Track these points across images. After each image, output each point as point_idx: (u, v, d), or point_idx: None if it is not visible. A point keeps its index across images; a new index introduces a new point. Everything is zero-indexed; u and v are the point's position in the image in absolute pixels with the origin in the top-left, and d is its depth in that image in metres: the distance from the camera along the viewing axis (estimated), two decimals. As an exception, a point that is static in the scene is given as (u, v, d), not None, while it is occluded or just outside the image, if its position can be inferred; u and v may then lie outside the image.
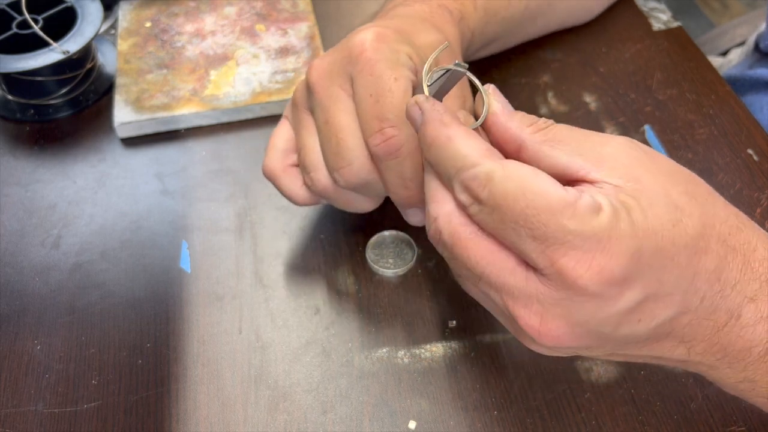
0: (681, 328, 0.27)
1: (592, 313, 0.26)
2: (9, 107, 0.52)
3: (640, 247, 0.25)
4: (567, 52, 0.54)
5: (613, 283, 0.25)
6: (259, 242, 0.44)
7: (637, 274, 0.25)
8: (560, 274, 0.25)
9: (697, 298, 0.27)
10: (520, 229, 0.25)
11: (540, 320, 0.26)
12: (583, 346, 0.27)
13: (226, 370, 0.38)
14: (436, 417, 0.36)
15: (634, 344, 0.28)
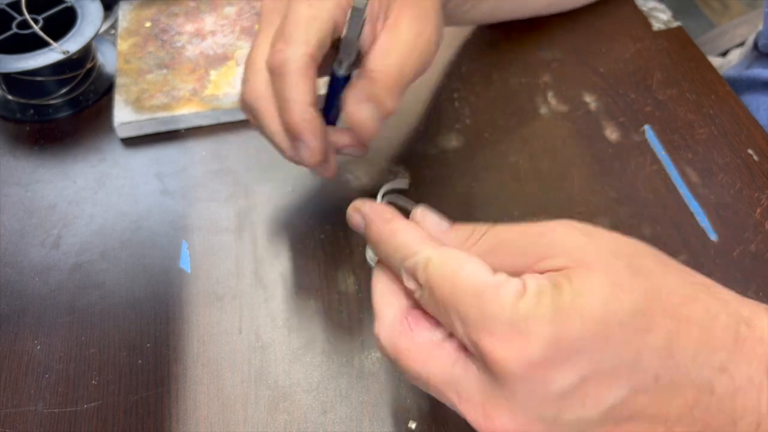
0: (643, 408, 0.25)
1: (526, 398, 0.25)
2: (9, 107, 0.52)
3: (561, 330, 0.24)
4: (567, 52, 0.54)
5: (536, 366, 0.24)
6: (260, 242, 0.44)
7: (563, 357, 0.24)
8: (485, 357, 0.25)
9: (650, 377, 0.25)
10: (450, 311, 0.26)
11: (482, 413, 0.26)
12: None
13: (226, 370, 0.38)
14: (436, 417, 0.36)
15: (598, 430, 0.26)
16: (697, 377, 0.25)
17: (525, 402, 0.25)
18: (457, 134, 0.49)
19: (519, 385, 0.25)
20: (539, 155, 0.48)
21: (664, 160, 0.47)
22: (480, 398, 0.26)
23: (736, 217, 0.44)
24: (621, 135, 0.49)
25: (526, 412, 0.25)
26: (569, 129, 0.49)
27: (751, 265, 0.42)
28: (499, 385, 0.25)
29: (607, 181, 0.46)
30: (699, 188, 0.45)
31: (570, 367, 0.25)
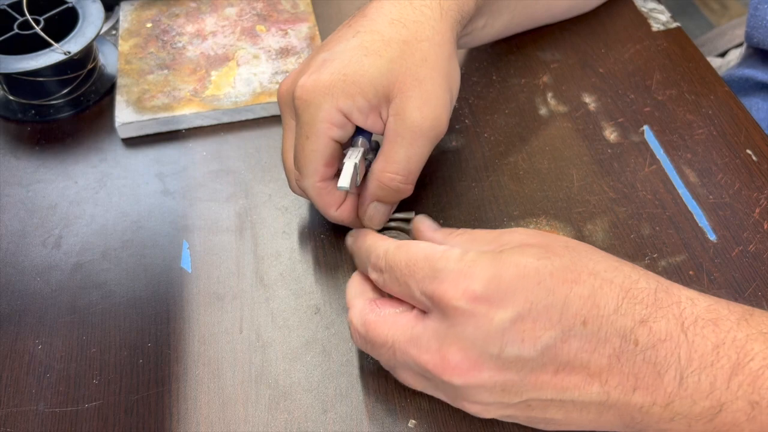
0: (577, 354, 0.29)
1: (474, 333, 0.29)
2: (10, 107, 0.52)
3: (500, 273, 0.30)
4: (566, 53, 0.55)
5: (480, 301, 0.29)
6: (260, 242, 0.44)
7: (502, 294, 0.29)
8: (438, 302, 0.30)
9: (578, 321, 0.29)
10: (408, 279, 0.32)
11: (439, 355, 0.30)
12: (487, 378, 0.30)
13: (227, 370, 0.38)
14: (436, 416, 0.36)
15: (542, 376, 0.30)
16: (621, 327, 0.29)
17: (473, 338, 0.29)
18: (457, 134, 0.49)
19: (467, 322, 0.29)
20: (539, 155, 0.48)
21: (663, 161, 0.47)
22: (436, 345, 0.30)
23: (735, 217, 0.44)
24: (620, 135, 0.49)
25: (474, 348, 0.29)
26: (569, 129, 0.49)
27: (750, 265, 0.42)
28: (452, 326, 0.30)
29: (606, 182, 0.46)
30: (698, 188, 0.46)
31: (508, 304, 0.29)
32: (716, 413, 0.28)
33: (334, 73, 0.38)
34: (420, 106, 0.38)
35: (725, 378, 0.28)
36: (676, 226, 0.44)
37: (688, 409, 0.29)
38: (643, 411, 0.29)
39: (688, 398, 0.29)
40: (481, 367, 0.30)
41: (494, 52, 0.55)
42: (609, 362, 0.29)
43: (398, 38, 0.39)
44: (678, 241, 0.43)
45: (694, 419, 0.29)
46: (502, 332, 0.29)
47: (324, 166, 0.38)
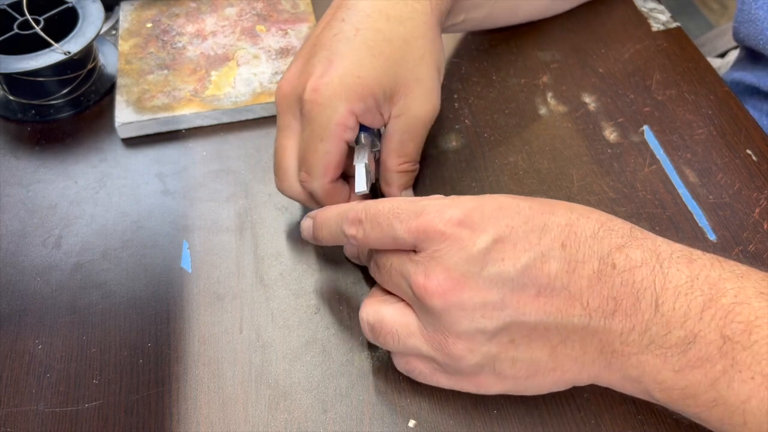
0: (557, 275, 0.30)
1: (456, 254, 0.31)
2: (10, 107, 0.52)
3: (482, 204, 0.32)
4: (566, 53, 0.55)
5: (462, 225, 0.31)
6: (260, 242, 0.44)
7: (484, 221, 0.31)
8: (423, 233, 0.31)
9: (557, 244, 0.31)
10: (392, 220, 0.33)
11: (424, 276, 0.31)
12: (467, 298, 0.30)
13: (227, 370, 0.38)
14: (436, 416, 0.36)
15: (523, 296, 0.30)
16: (599, 250, 0.30)
17: (456, 260, 0.31)
18: (457, 134, 0.49)
19: (450, 246, 0.31)
20: (539, 155, 0.48)
21: (663, 161, 0.47)
22: (423, 268, 0.31)
23: (735, 217, 0.44)
24: (620, 135, 0.49)
25: (456, 269, 0.31)
26: (568, 129, 0.49)
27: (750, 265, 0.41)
28: (436, 251, 0.31)
29: (606, 181, 0.46)
30: (698, 188, 0.46)
31: (489, 228, 0.31)
32: (689, 344, 0.29)
33: (346, 75, 0.38)
34: (422, 104, 0.40)
35: (698, 309, 0.29)
36: (675, 226, 0.44)
37: (663, 338, 0.29)
38: (623, 339, 0.30)
39: (664, 326, 0.29)
40: (462, 287, 0.31)
41: (494, 52, 0.55)
42: (589, 283, 0.30)
43: (398, 37, 0.40)
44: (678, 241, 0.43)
45: (669, 350, 0.29)
46: (484, 253, 0.30)
47: (335, 167, 0.39)
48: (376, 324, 0.35)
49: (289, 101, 0.40)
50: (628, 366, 0.30)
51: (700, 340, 0.29)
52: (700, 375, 0.29)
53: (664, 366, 0.30)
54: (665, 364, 0.29)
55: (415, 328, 0.33)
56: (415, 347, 0.33)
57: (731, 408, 0.29)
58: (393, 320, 0.34)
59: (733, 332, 0.29)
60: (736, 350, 0.28)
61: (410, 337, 0.33)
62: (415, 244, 0.32)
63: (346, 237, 0.35)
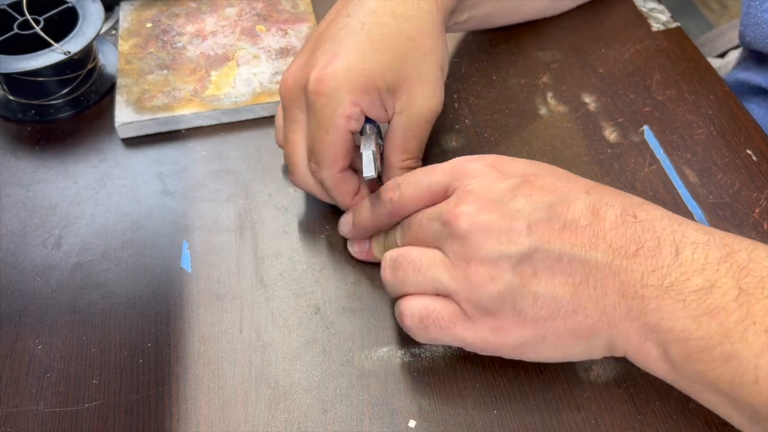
0: (581, 214, 0.32)
1: (487, 186, 0.33)
2: (10, 107, 0.52)
3: (513, 158, 0.35)
4: (566, 53, 0.55)
5: (494, 166, 0.34)
6: (260, 242, 0.44)
7: (515, 167, 0.34)
8: (459, 170, 0.34)
9: (582, 191, 0.33)
10: (429, 174, 0.35)
11: (455, 203, 0.33)
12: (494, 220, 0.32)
13: (227, 370, 0.38)
14: (436, 416, 0.36)
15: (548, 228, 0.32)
16: (621, 202, 0.32)
17: (486, 190, 0.33)
18: (457, 134, 0.49)
19: (482, 179, 0.33)
20: (539, 155, 0.48)
21: (663, 161, 0.47)
22: (454, 201, 0.34)
23: (735, 217, 0.44)
24: (620, 135, 0.49)
25: (486, 197, 0.33)
26: (568, 129, 0.49)
27: (749, 264, 0.42)
28: (468, 184, 0.34)
29: (606, 181, 0.46)
30: (698, 188, 0.46)
31: (518, 173, 0.34)
32: (707, 291, 0.30)
33: (351, 68, 0.38)
34: (425, 101, 0.41)
35: (715, 261, 0.30)
36: (675, 226, 0.44)
37: (682, 284, 0.30)
38: (644, 281, 0.30)
39: (683, 272, 0.30)
40: (490, 210, 0.32)
41: (494, 52, 0.55)
42: (612, 225, 0.31)
43: (404, 34, 0.40)
44: (678, 241, 0.43)
45: (689, 296, 0.30)
46: (513, 187, 0.33)
47: (343, 157, 0.39)
48: (399, 257, 0.35)
49: (293, 94, 0.40)
50: (647, 311, 0.30)
51: (717, 289, 0.29)
52: (716, 324, 0.29)
53: (682, 312, 0.30)
54: (684, 311, 0.30)
55: (439, 258, 0.34)
56: (435, 278, 0.33)
57: (744, 362, 0.29)
58: (417, 253, 0.35)
59: (748, 285, 0.29)
60: (750, 303, 0.29)
61: (433, 267, 0.34)
62: (450, 184, 0.34)
63: (384, 204, 0.37)
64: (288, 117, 0.41)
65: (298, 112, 0.40)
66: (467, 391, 0.37)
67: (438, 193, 0.35)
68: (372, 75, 0.38)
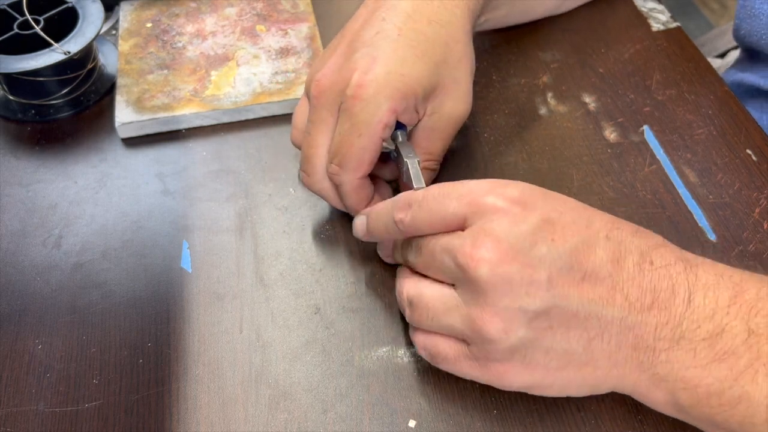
0: (600, 263, 0.31)
1: (508, 228, 0.31)
2: (10, 107, 0.52)
3: (533, 187, 0.33)
4: (566, 53, 0.55)
5: (516, 203, 0.32)
6: (260, 242, 0.44)
7: (535, 201, 0.32)
8: (477, 205, 0.32)
9: (602, 235, 0.32)
10: (445, 198, 0.33)
11: (472, 245, 0.31)
12: (515, 271, 0.30)
13: (227, 370, 0.38)
14: (436, 416, 0.36)
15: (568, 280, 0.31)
16: (639, 246, 0.32)
17: (507, 233, 0.31)
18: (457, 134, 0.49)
19: (502, 218, 0.31)
20: (539, 155, 0.48)
21: (663, 161, 0.47)
22: (470, 239, 0.32)
23: (735, 217, 0.44)
24: (620, 135, 0.49)
25: (507, 241, 0.31)
26: (568, 129, 0.49)
27: (750, 265, 0.42)
28: (488, 222, 0.32)
29: (606, 181, 0.46)
30: (698, 188, 0.46)
31: (540, 209, 0.32)
32: (717, 337, 0.30)
33: (391, 74, 0.38)
34: (456, 104, 0.41)
35: (725, 303, 0.30)
36: (675, 226, 0.44)
37: (693, 332, 0.30)
38: (657, 334, 0.31)
39: (695, 320, 0.30)
40: (511, 259, 0.30)
41: (494, 52, 0.55)
42: (630, 275, 0.31)
43: (440, 40, 0.41)
44: (678, 241, 0.43)
45: (699, 344, 0.30)
46: (534, 231, 0.31)
47: (369, 164, 0.39)
48: (415, 298, 0.35)
49: (328, 96, 0.39)
50: (657, 363, 0.31)
51: (727, 332, 0.30)
52: (725, 369, 0.29)
53: (692, 361, 0.30)
54: (694, 360, 0.30)
55: (453, 304, 0.33)
56: (448, 325, 0.33)
57: (755, 404, 0.29)
58: (432, 295, 0.34)
59: (758, 326, 0.30)
60: (760, 343, 0.29)
61: (446, 314, 0.33)
62: (466, 218, 0.32)
63: (395, 223, 0.35)
64: (315, 117, 0.40)
65: (327, 115, 0.40)
66: (467, 391, 0.37)
67: (452, 224, 0.33)
68: (411, 82, 0.38)
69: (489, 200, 0.32)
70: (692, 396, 0.30)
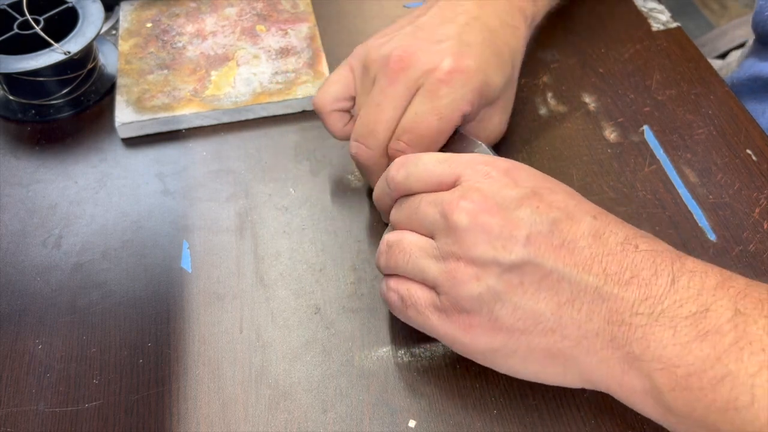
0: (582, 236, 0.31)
1: (497, 190, 0.32)
2: (10, 107, 0.52)
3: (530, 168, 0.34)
4: (566, 53, 0.55)
5: (507, 173, 0.33)
6: (260, 242, 0.44)
7: (527, 177, 0.33)
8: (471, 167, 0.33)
9: (589, 215, 0.32)
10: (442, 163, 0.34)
11: (459, 197, 0.32)
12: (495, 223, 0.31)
13: (227, 370, 0.38)
14: (436, 416, 0.36)
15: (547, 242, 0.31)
16: (626, 231, 0.32)
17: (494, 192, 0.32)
18: (456, 134, 0.49)
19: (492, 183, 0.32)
20: (539, 155, 0.48)
21: (663, 161, 0.47)
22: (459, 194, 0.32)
23: (735, 217, 0.44)
24: (620, 135, 0.49)
25: (493, 199, 0.32)
26: (568, 129, 0.49)
27: (750, 265, 0.42)
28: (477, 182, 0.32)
29: (605, 181, 0.46)
30: (698, 188, 0.46)
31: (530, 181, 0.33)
32: (702, 316, 0.29)
33: (479, 71, 0.40)
34: (501, 120, 0.44)
35: (712, 286, 0.29)
36: (675, 226, 0.44)
37: (675, 310, 0.29)
38: (634, 309, 0.29)
39: (677, 299, 0.29)
40: (493, 213, 0.31)
41: (494, 52, 0.55)
42: (611, 251, 0.31)
43: (512, 48, 0.43)
44: (678, 241, 0.43)
45: (681, 321, 0.29)
46: (521, 197, 0.32)
47: (438, 147, 0.40)
48: (395, 242, 0.35)
49: (410, 74, 0.39)
50: (632, 340, 0.29)
51: (712, 312, 0.29)
52: (708, 348, 0.28)
53: (672, 339, 0.29)
54: (674, 337, 0.29)
55: (430, 250, 0.33)
56: (422, 269, 0.33)
57: (739, 383, 0.27)
58: (412, 240, 0.34)
59: (745, 306, 0.29)
60: (747, 323, 0.28)
61: (422, 258, 0.33)
62: (460, 175, 0.33)
63: (388, 183, 0.36)
64: (391, 91, 0.40)
65: (404, 90, 0.40)
66: (467, 391, 0.37)
67: (444, 184, 0.34)
68: (491, 84, 0.40)
69: (484, 168, 0.33)
70: (670, 377, 0.29)
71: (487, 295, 0.31)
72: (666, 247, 0.32)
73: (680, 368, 0.28)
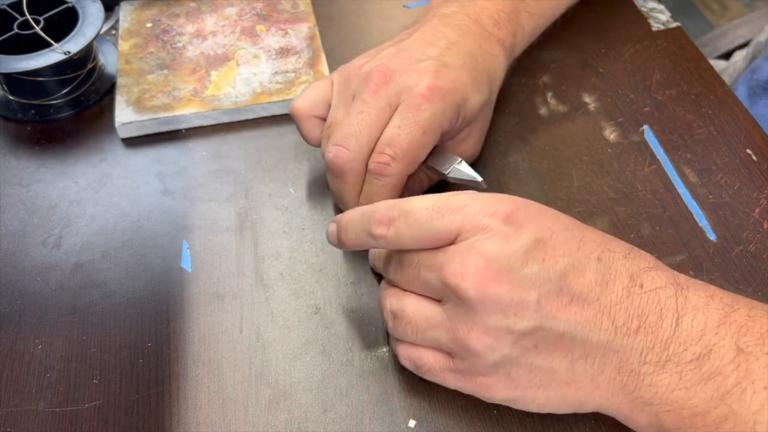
0: (589, 286, 0.31)
1: (499, 248, 0.31)
2: (10, 107, 0.52)
3: (527, 203, 0.33)
4: (566, 53, 0.55)
5: (508, 221, 0.31)
6: (260, 242, 0.44)
7: (528, 219, 0.32)
8: (468, 224, 0.32)
9: (593, 257, 0.31)
10: (432, 216, 0.32)
11: (461, 264, 0.31)
12: (504, 293, 0.30)
13: (227, 370, 0.38)
14: (436, 415, 0.36)
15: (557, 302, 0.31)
16: (630, 269, 0.32)
17: (497, 252, 0.31)
18: (456, 134, 0.49)
19: (494, 238, 0.31)
20: (539, 155, 0.48)
21: (663, 160, 0.47)
22: (460, 258, 0.31)
23: (735, 217, 0.44)
24: (620, 135, 0.49)
25: (497, 261, 0.31)
26: (568, 129, 0.49)
27: (750, 265, 0.42)
28: (478, 240, 0.31)
29: (606, 181, 0.46)
30: (698, 188, 0.46)
31: (532, 228, 0.31)
32: (704, 358, 0.30)
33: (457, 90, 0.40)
34: (476, 143, 0.45)
35: (714, 324, 0.30)
36: (675, 225, 0.44)
37: (680, 355, 0.30)
38: (642, 357, 0.30)
39: (682, 343, 0.30)
40: (500, 280, 0.30)
41: (494, 52, 0.55)
42: (618, 299, 0.31)
43: (490, 73, 0.44)
44: (678, 240, 0.43)
45: (685, 366, 0.30)
46: (526, 251, 0.31)
47: (419, 162, 0.40)
48: (398, 312, 0.34)
49: (392, 88, 0.40)
50: (641, 387, 0.31)
51: (714, 353, 0.30)
52: (711, 389, 0.29)
53: (678, 384, 0.30)
54: (679, 382, 0.30)
55: (438, 320, 0.33)
56: (434, 339, 0.33)
57: (741, 421, 0.29)
58: (415, 310, 0.34)
59: (747, 344, 0.29)
60: (749, 361, 0.29)
61: (431, 329, 0.33)
62: (457, 235, 0.32)
63: (374, 238, 0.34)
64: (374, 103, 0.40)
65: (386, 104, 0.40)
66: (467, 391, 0.37)
67: (442, 241, 0.32)
68: (468, 105, 0.41)
69: (482, 220, 0.31)
70: (676, 418, 0.30)
71: (502, 361, 0.32)
72: (669, 278, 0.32)
73: (686, 410, 0.30)
